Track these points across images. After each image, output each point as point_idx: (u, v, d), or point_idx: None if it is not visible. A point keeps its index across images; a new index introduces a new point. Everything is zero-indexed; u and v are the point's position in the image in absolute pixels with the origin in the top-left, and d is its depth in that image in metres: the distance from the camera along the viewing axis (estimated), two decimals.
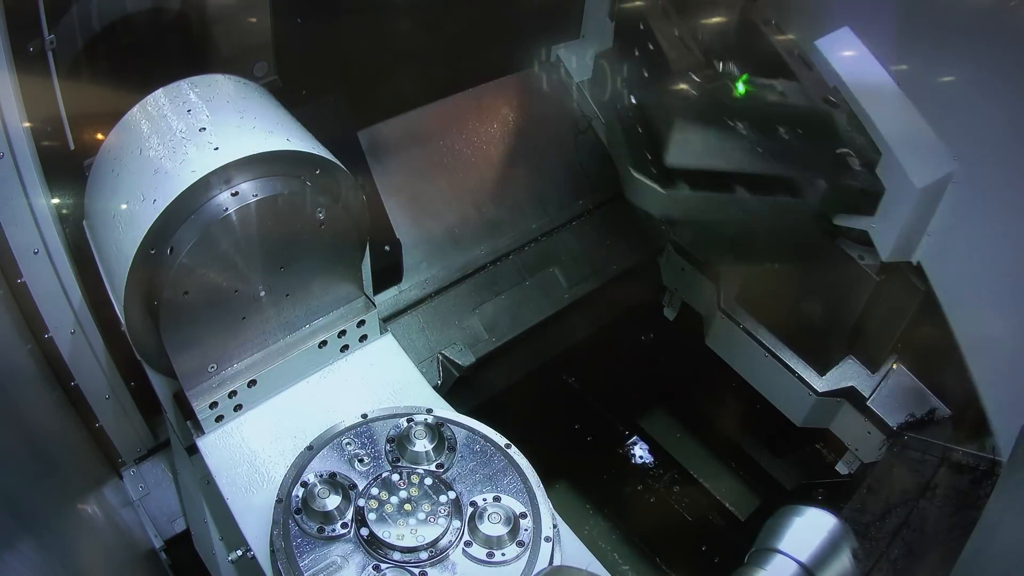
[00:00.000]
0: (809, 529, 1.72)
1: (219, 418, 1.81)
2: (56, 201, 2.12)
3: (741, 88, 2.41)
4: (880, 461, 2.82)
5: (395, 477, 1.63)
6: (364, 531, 1.54)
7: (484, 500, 1.60)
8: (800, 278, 2.94)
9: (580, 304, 3.32)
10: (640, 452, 3.68)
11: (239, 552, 1.74)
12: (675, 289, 3.64)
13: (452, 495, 1.60)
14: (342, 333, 1.95)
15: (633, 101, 2.67)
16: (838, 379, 2.98)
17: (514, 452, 1.71)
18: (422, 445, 1.68)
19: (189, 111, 1.74)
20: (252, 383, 1.83)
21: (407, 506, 1.58)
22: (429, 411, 1.77)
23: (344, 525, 1.56)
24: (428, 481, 1.62)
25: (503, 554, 1.52)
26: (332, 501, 1.57)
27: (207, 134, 1.65)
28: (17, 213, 1.94)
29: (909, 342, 2.83)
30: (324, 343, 1.92)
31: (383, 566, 1.51)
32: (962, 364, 2.44)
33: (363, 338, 2.00)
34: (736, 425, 3.56)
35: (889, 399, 2.89)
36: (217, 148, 1.60)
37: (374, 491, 1.60)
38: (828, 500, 2.90)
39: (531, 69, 3.44)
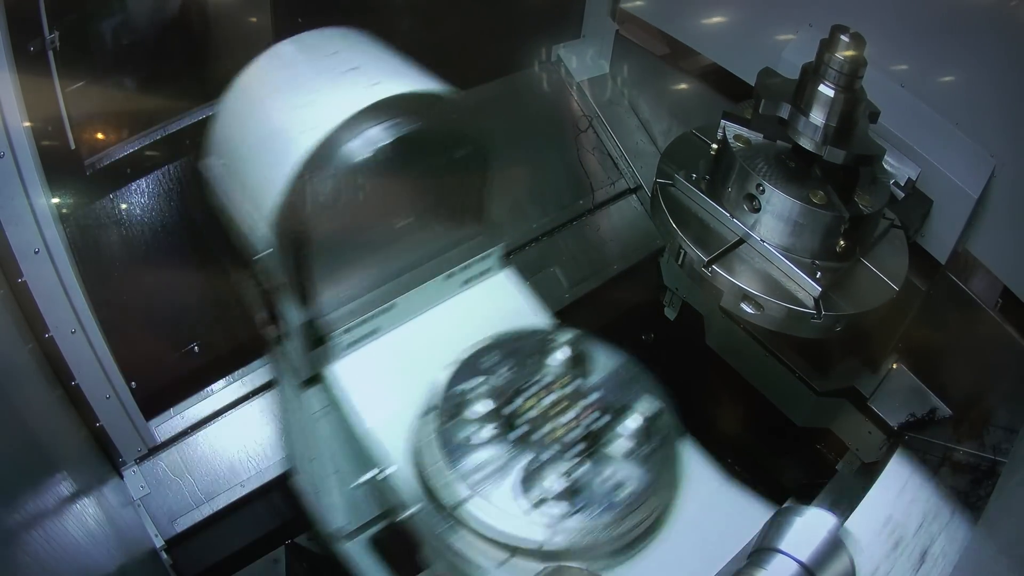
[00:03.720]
0: (809, 529, 1.72)
1: (353, 343, 1.90)
2: (57, 200, 2.12)
3: None
4: (880, 461, 2.82)
5: (540, 383, 1.74)
6: (514, 434, 1.64)
7: (623, 400, 1.72)
8: None
9: (580, 304, 3.31)
10: None
11: (372, 473, 1.82)
12: (675, 289, 3.64)
13: (595, 396, 1.73)
14: (468, 266, 2.06)
15: None
16: (838, 379, 2.97)
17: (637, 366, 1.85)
18: (561, 354, 1.79)
19: (335, 52, 1.84)
20: (386, 309, 1.92)
21: (553, 409, 1.69)
22: (561, 329, 1.89)
23: (493, 430, 1.65)
24: (570, 387, 1.74)
25: (644, 448, 1.66)
26: (481, 407, 1.66)
27: (361, 72, 1.76)
28: (18, 212, 1.94)
29: (909, 342, 2.83)
30: (451, 274, 2.03)
31: (535, 466, 1.60)
32: (962, 364, 2.44)
33: (486, 271, 2.12)
34: (736, 425, 3.56)
35: (889, 399, 2.89)
36: (376, 83, 1.71)
37: (520, 399, 1.71)
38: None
39: (531, 69, 3.44)
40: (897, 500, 1.37)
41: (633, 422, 1.67)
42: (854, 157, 1.72)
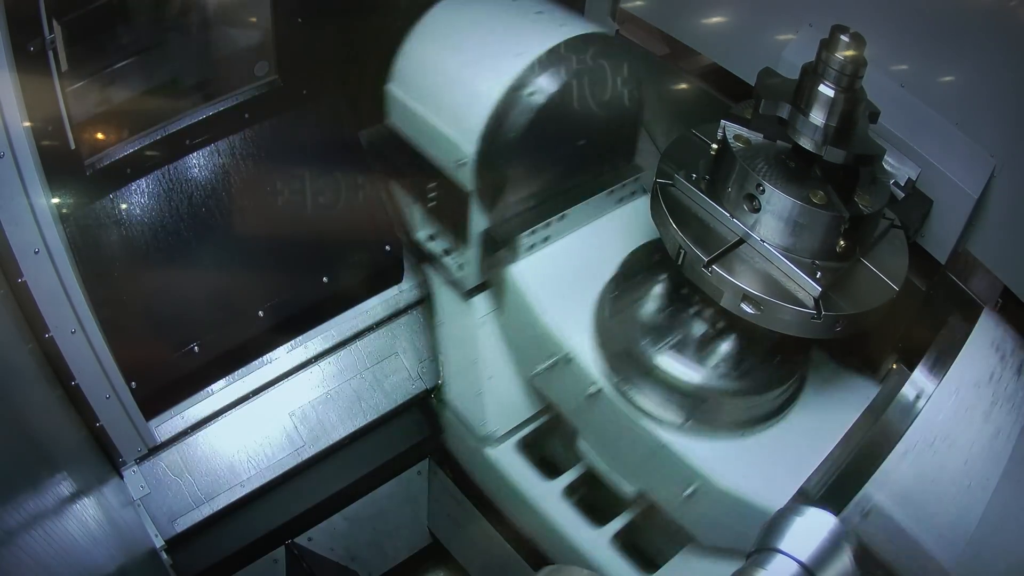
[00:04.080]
0: (809, 529, 1.72)
1: (531, 247, 2.24)
2: (57, 200, 2.12)
3: None
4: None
5: None
6: (688, 311, 2.04)
7: None
8: None
9: None
10: None
11: (555, 358, 2.12)
12: None
13: None
14: (624, 185, 2.43)
15: None
16: None
17: None
18: None
19: None
20: (560, 218, 2.27)
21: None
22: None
23: (669, 309, 2.02)
24: None
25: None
26: (658, 290, 2.02)
27: (547, 15, 2.13)
28: (18, 212, 1.94)
29: (909, 342, 2.83)
30: (612, 191, 2.39)
31: (708, 336, 1.99)
32: None
33: (635, 191, 2.49)
34: None
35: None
36: (564, 25, 2.10)
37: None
38: None
39: None
40: (996, 330, 1.79)
41: None
42: (854, 157, 1.72)
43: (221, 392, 2.66)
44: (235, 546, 2.61)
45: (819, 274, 1.79)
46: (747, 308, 1.83)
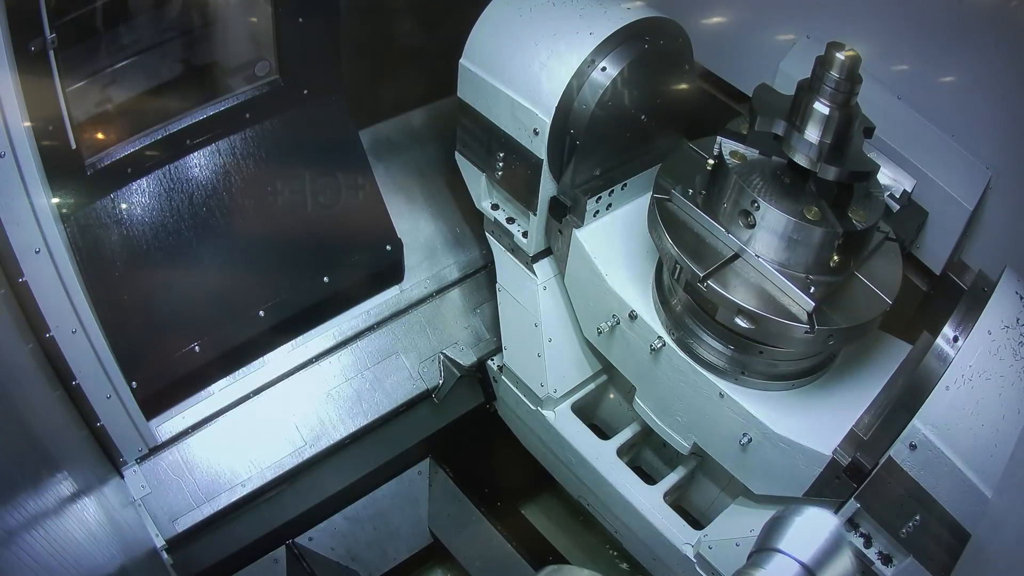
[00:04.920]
0: (809, 529, 1.75)
1: (596, 212, 2.33)
2: (57, 200, 2.12)
3: None
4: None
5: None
6: None
7: None
8: None
9: None
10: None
11: (612, 320, 2.27)
12: None
13: None
14: None
15: None
16: None
17: None
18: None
19: None
20: (621, 187, 2.37)
21: None
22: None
23: None
24: None
25: None
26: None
27: (612, 1, 2.22)
28: (18, 212, 1.93)
29: (909, 341, 2.85)
30: None
31: None
32: None
33: None
34: None
35: None
36: (630, 8, 2.19)
37: None
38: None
39: None
40: (1019, 282, 1.93)
41: None
42: (848, 174, 1.72)
43: (222, 392, 2.66)
44: (235, 546, 2.62)
45: (812, 288, 1.80)
46: (742, 322, 1.85)
